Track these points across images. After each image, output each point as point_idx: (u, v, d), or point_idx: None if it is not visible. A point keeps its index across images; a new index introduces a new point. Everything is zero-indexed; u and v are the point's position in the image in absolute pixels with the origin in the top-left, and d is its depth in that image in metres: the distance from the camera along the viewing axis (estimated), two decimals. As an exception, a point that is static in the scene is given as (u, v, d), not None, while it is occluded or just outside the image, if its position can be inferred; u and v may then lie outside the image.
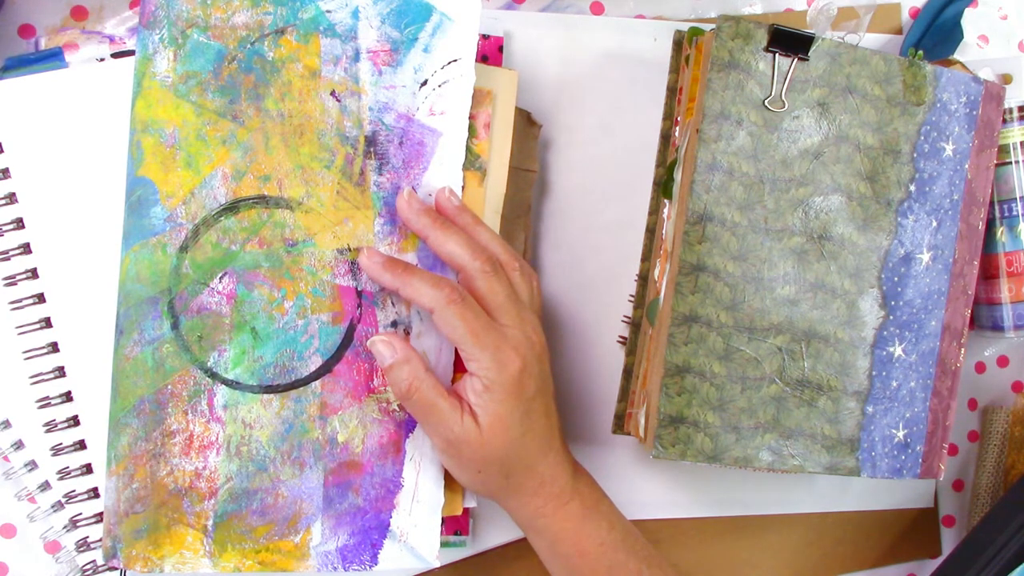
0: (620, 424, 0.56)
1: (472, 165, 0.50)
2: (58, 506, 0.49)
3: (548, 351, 0.48)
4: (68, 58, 0.52)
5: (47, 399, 0.48)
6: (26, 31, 0.52)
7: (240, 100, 0.46)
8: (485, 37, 0.55)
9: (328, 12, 0.47)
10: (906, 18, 0.65)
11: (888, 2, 0.64)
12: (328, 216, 0.47)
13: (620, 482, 0.57)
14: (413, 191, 0.47)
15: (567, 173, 0.57)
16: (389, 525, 0.48)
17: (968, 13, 0.65)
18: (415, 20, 0.48)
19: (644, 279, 0.56)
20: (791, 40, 0.50)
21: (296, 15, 0.46)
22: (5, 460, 0.48)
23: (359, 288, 0.47)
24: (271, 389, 0.46)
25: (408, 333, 0.48)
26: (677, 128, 0.56)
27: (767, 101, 0.51)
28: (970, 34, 0.65)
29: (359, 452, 0.47)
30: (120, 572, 0.49)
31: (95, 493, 0.49)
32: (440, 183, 0.48)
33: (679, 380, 0.50)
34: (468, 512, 0.55)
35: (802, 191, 0.51)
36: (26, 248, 0.48)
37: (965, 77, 0.55)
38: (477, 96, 0.49)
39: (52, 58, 0.51)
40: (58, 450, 0.48)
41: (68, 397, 0.48)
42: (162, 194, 0.45)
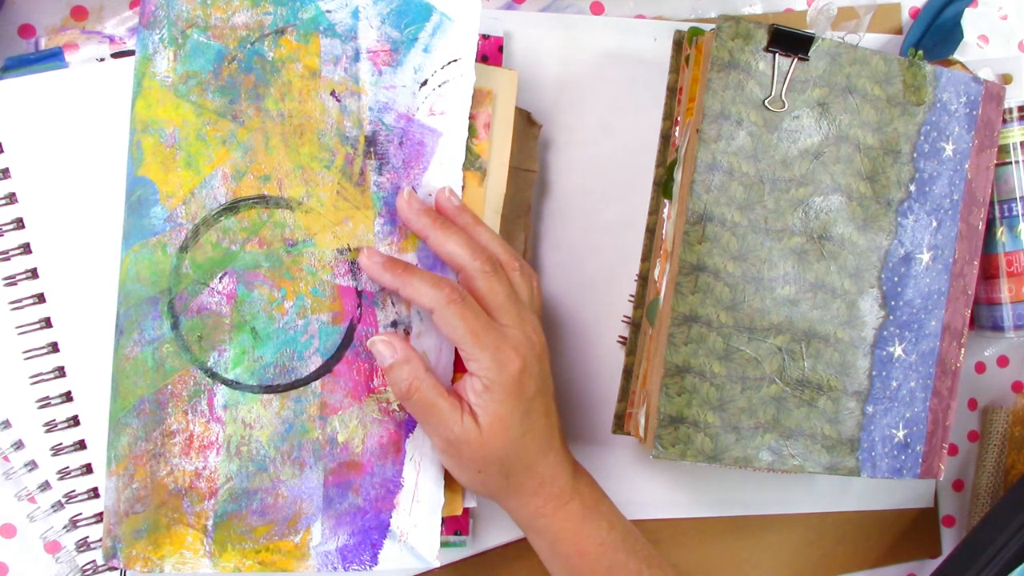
0: (620, 424, 0.56)
1: (472, 165, 0.50)
2: (58, 506, 0.49)
3: (548, 351, 0.48)
4: (68, 58, 0.52)
5: (47, 399, 0.48)
6: (26, 31, 0.52)
7: (240, 100, 0.46)
8: (485, 37, 0.55)
9: (328, 12, 0.47)
10: (906, 18, 0.65)
11: (888, 2, 0.64)
12: (328, 216, 0.47)
13: (620, 482, 0.57)
14: (413, 191, 0.47)
15: (567, 173, 0.57)
16: (389, 525, 0.48)
17: (968, 13, 0.65)
18: (415, 20, 0.48)
19: (644, 279, 0.56)
20: (791, 40, 0.50)
21: (296, 15, 0.46)
22: (5, 460, 0.48)
23: (359, 288, 0.47)
24: (271, 389, 0.46)
25: (408, 333, 0.48)
26: (677, 128, 0.56)
27: (767, 101, 0.51)
28: (970, 34, 0.65)
29: (359, 452, 0.47)
30: (120, 572, 0.49)
31: (95, 493, 0.49)
32: (440, 183, 0.48)
33: (679, 380, 0.50)
34: (468, 512, 0.55)
35: (802, 191, 0.51)
36: (26, 248, 0.48)
37: (965, 77, 0.55)
38: (477, 96, 0.49)
39: (52, 58, 0.51)
40: (58, 450, 0.48)
41: (68, 397, 0.48)
42: (162, 194, 0.45)
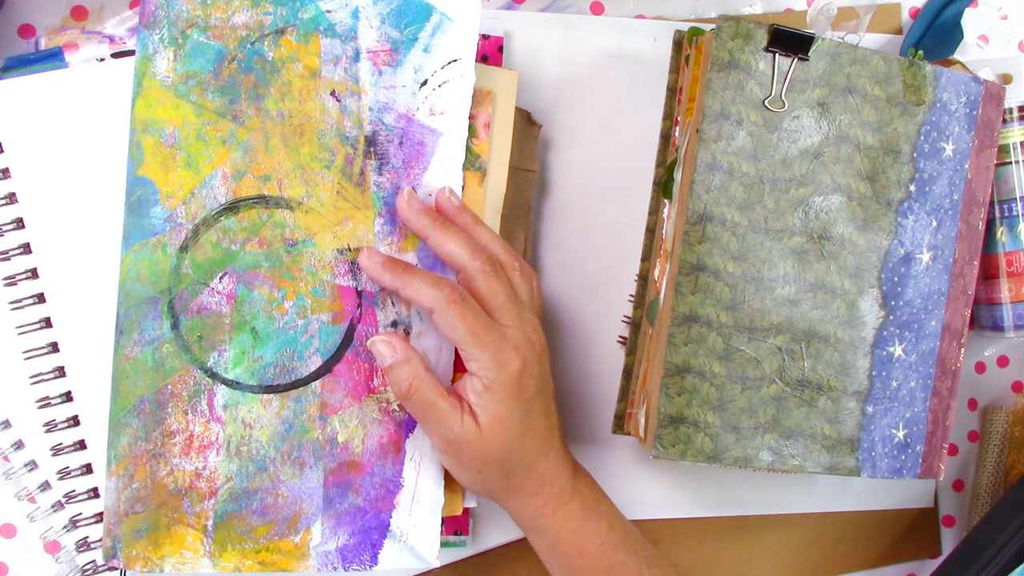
0: (620, 424, 0.56)
1: (472, 165, 0.50)
2: (58, 506, 0.48)
3: (548, 351, 0.48)
4: (68, 58, 0.52)
5: (47, 399, 0.48)
6: (26, 31, 0.52)
7: (240, 100, 0.46)
8: (485, 37, 0.55)
9: (328, 12, 0.47)
10: (906, 18, 0.65)
11: (888, 2, 0.64)
12: (328, 216, 0.47)
13: (620, 482, 0.57)
14: (413, 191, 0.47)
15: (567, 173, 0.57)
16: (389, 525, 0.48)
17: (968, 13, 0.65)
18: (415, 20, 0.48)
19: (644, 279, 0.56)
20: (791, 40, 0.50)
21: (296, 15, 0.46)
22: (5, 460, 0.48)
23: (359, 288, 0.47)
24: (271, 389, 0.46)
25: (408, 333, 0.48)
26: (677, 128, 0.56)
27: (767, 101, 0.51)
28: (970, 34, 0.65)
29: (359, 452, 0.47)
30: (120, 572, 0.49)
31: (95, 493, 0.49)
32: (440, 183, 0.48)
33: (679, 380, 0.50)
34: (468, 512, 0.55)
35: (802, 191, 0.51)
36: (26, 248, 0.48)
37: (965, 77, 0.55)
38: (477, 96, 0.49)
39: (52, 58, 0.51)
40: (58, 450, 0.48)
41: (68, 397, 0.48)
42: (162, 194, 0.45)
